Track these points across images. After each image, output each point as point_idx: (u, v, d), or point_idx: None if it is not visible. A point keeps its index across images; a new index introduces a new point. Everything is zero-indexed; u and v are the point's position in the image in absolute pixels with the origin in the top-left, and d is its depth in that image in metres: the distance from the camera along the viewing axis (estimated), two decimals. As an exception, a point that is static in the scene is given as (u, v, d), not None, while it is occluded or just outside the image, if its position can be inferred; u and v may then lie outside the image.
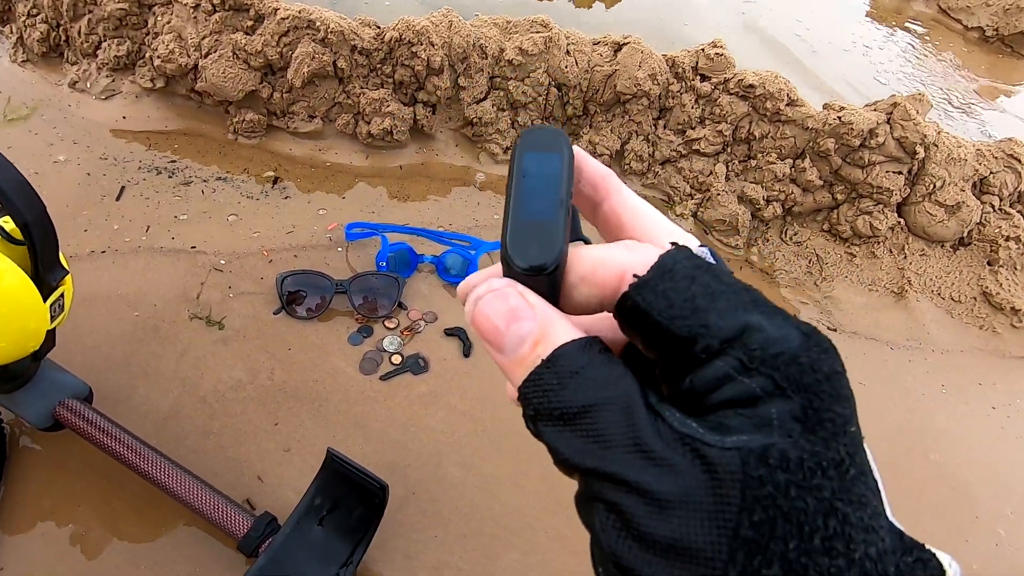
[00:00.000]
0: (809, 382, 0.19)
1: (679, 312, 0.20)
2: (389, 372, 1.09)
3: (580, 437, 0.19)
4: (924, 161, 1.44)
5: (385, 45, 1.40)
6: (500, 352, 0.21)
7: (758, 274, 1.47)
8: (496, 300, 0.21)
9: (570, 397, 0.19)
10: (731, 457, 0.17)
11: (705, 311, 0.20)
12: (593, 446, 0.19)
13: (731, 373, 0.19)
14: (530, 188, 0.21)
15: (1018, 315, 1.44)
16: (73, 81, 1.50)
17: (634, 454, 0.18)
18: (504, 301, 0.21)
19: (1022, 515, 1.13)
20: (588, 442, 0.19)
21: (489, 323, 0.21)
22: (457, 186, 1.48)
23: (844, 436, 0.19)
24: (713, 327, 0.19)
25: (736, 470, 0.17)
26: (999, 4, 2.82)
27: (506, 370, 0.21)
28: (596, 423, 0.19)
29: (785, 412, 0.18)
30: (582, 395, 0.19)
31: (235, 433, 0.98)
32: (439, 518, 0.93)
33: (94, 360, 1.02)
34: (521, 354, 0.21)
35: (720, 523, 0.17)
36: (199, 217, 1.28)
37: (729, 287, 0.20)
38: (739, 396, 0.19)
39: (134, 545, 0.85)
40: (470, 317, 0.22)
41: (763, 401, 0.18)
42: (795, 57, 2.36)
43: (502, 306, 0.21)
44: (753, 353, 0.19)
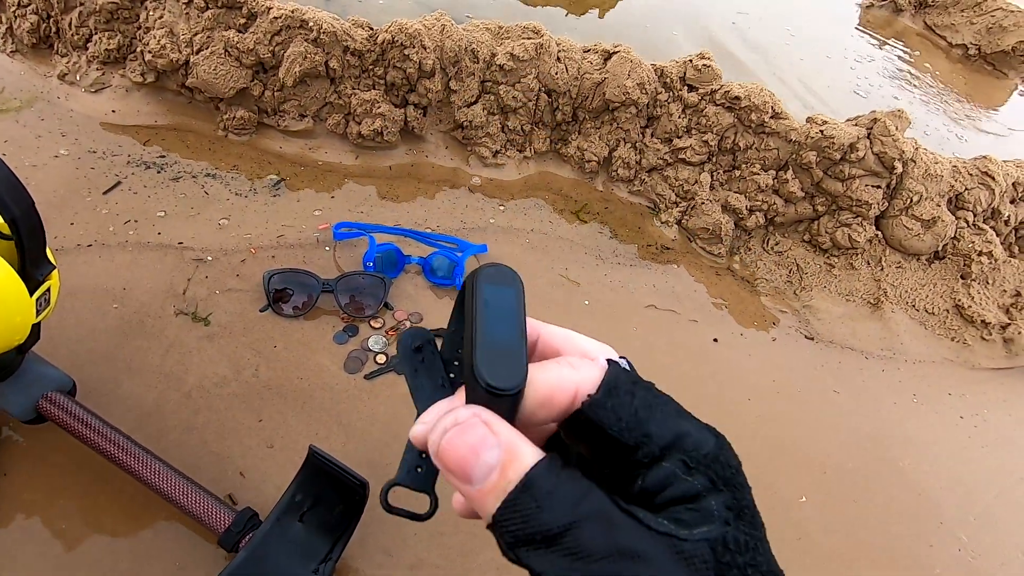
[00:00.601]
0: (728, 476, 0.23)
1: (626, 425, 0.23)
2: (373, 371, 1.11)
3: (565, 556, 0.20)
4: (902, 176, 1.48)
5: (378, 47, 1.41)
6: (468, 483, 0.22)
7: (739, 282, 1.50)
8: (462, 433, 0.22)
9: (550, 519, 0.20)
10: (702, 547, 0.20)
11: (646, 422, 0.23)
12: (579, 562, 0.20)
13: (677, 473, 0.22)
14: (493, 318, 0.23)
15: (988, 328, 1.48)
16: (63, 73, 1.49)
17: (619, 559, 0.20)
18: (471, 432, 0.22)
19: (984, 521, 1.17)
20: (574, 559, 0.20)
21: (456, 456, 0.22)
22: (446, 188, 1.50)
23: (756, 517, 0.23)
24: (655, 436, 0.23)
25: (709, 558, 0.20)
26: (982, 23, 2.89)
27: (475, 500, 0.22)
28: (579, 539, 0.20)
29: (722, 504, 0.22)
30: (561, 514, 0.20)
31: (218, 429, 0.98)
32: (419, 516, 0.95)
33: (78, 354, 1.02)
34: (491, 482, 0.22)
35: None
36: (187, 213, 1.29)
37: (658, 399, 0.24)
38: (684, 493, 0.22)
39: (115, 539, 0.86)
40: (435, 451, 0.23)
41: (703, 496, 0.22)
42: (781, 68, 2.40)
43: (469, 438, 0.22)
44: (691, 456, 0.22)
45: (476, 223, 1.44)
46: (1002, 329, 1.50)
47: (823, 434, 1.23)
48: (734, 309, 1.42)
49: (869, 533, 1.10)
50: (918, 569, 1.08)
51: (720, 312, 1.41)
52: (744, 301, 1.45)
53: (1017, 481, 1.26)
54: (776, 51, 2.52)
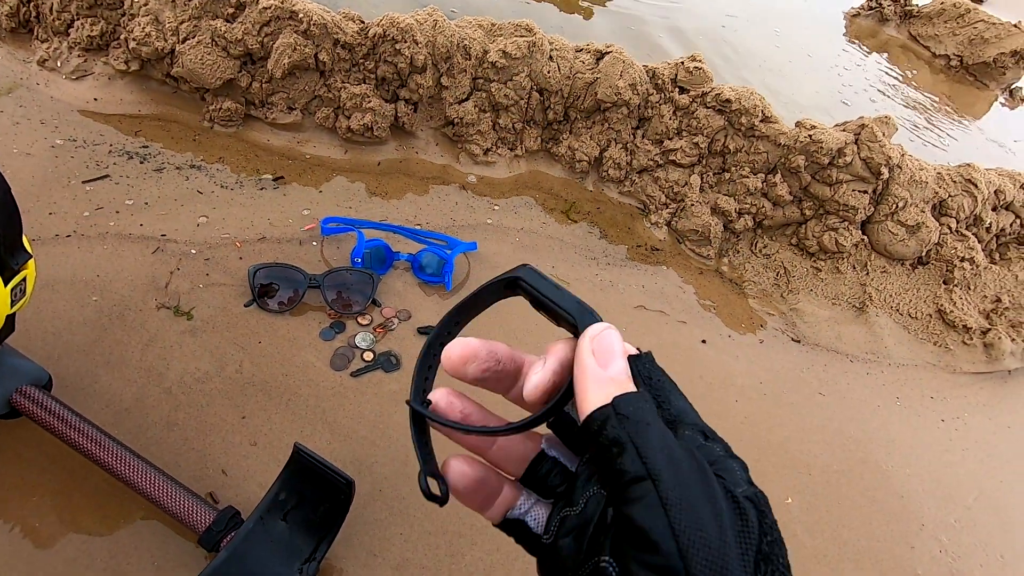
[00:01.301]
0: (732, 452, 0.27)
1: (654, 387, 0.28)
2: (360, 369, 1.09)
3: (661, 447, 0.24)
4: (888, 182, 1.50)
5: (369, 40, 1.39)
6: (605, 367, 0.27)
7: (728, 284, 1.51)
8: (618, 337, 0.28)
9: (656, 420, 0.26)
10: (747, 503, 0.24)
11: (668, 392, 0.28)
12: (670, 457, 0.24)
13: (700, 440, 0.27)
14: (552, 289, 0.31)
15: (969, 333, 1.51)
16: (43, 59, 1.45)
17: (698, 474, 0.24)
18: (622, 341, 0.28)
19: (965, 524, 1.18)
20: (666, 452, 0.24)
21: (610, 346, 0.28)
22: (436, 185, 1.49)
23: None
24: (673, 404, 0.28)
25: (752, 510, 0.24)
26: (965, 34, 2.94)
27: (599, 383, 0.27)
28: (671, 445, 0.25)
29: (740, 467, 0.26)
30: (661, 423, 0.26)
31: (200, 425, 0.96)
32: (405, 516, 0.94)
33: (55, 346, 0.99)
34: (620, 377, 0.27)
35: (748, 547, 0.23)
36: (171, 205, 1.26)
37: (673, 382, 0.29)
38: (709, 457, 0.26)
39: (90, 538, 0.83)
40: (595, 333, 0.28)
41: (724, 460, 0.26)
42: (767, 73, 2.42)
43: (620, 343, 0.28)
44: (704, 429, 0.28)
45: (466, 220, 1.42)
46: (982, 334, 1.52)
47: (809, 436, 1.24)
48: (722, 311, 1.43)
49: (853, 534, 1.10)
50: (900, 571, 1.09)
51: (708, 314, 1.41)
52: (732, 303, 1.46)
53: (996, 484, 1.28)
54: (762, 56, 2.55)
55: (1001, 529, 1.20)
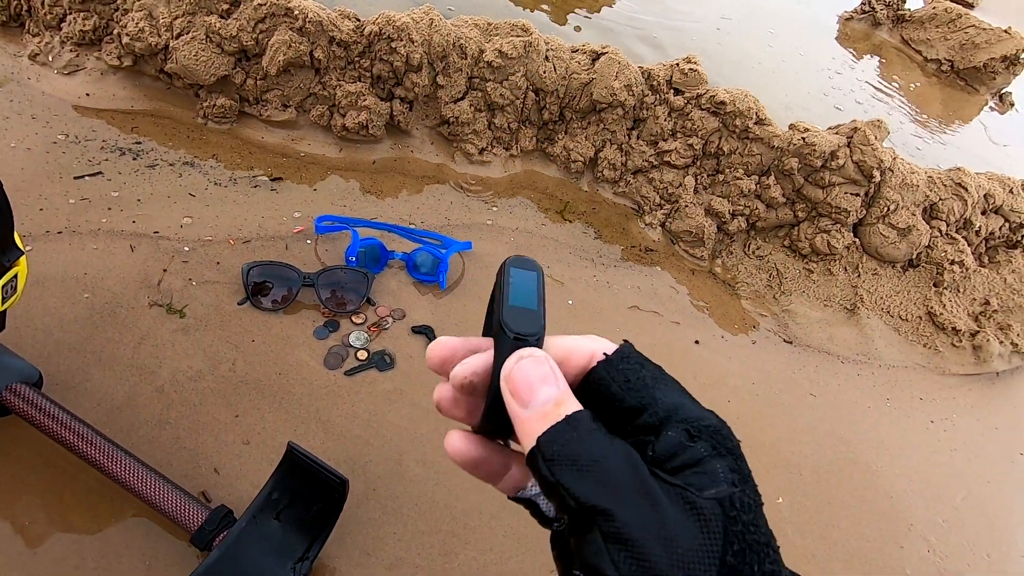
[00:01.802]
0: (731, 447, 0.25)
1: (633, 387, 0.26)
2: (354, 367, 1.09)
3: (594, 483, 0.23)
4: (880, 185, 1.51)
5: (364, 38, 1.39)
6: (525, 407, 0.25)
7: (721, 285, 1.51)
8: (535, 364, 0.26)
9: (587, 450, 0.24)
10: (712, 505, 0.23)
11: (652, 388, 0.26)
12: (604, 488, 0.23)
13: (682, 441, 0.25)
14: (517, 288, 0.28)
15: (958, 335, 1.53)
16: (34, 53, 1.44)
17: (642, 498, 0.23)
18: (542, 367, 0.26)
19: (953, 524, 1.20)
20: (600, 487, 0.23)
21: (525, 380, 0.26)
22: (431, 184, 1.48)
23: (753, 483, 0.25)
24: (659, 401, 0.26)
25: (718, 514, 0.23)
26: (956, 39, 2.97)
27: (525, 423, 0.25)
28: (607, 470, 0.23)
29: (727, 468, 0.24)
30: (596, 449, 0.24)
31: (192, 424, 0.96)
32: (398, 515, 0.94)
33: (45, 344, 0.98)
34: (544, 410, 0.25)
35: (711, 555, 0.22)
36: (163, 202, 1.25)
37: (666, 376, 0.28)
38: (691, 458, 0.25)
39: (81, 537, 0.83)
40: (506, 374, 0.26)
41: (707, 460, 0.24)
42: (759, 75, 2.43)
43: (540, 371, 0.26)
44: (694, 424, 0.25)
45: (461, 220, 1.42)
46: (971, 336, 1.54)
47: (800, 436, 1.25)
48: (715, 312, 1.44)
49: (842, 534, 1.12)
50: (889, 570, 1.10)
51: (702, 314, 1.42)
52: (725, 304, 1.47)
53: (983, 484, 1.30)
54: (755, 59, 2.56)
55: (988, 529, 1.22)
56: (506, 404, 0.26)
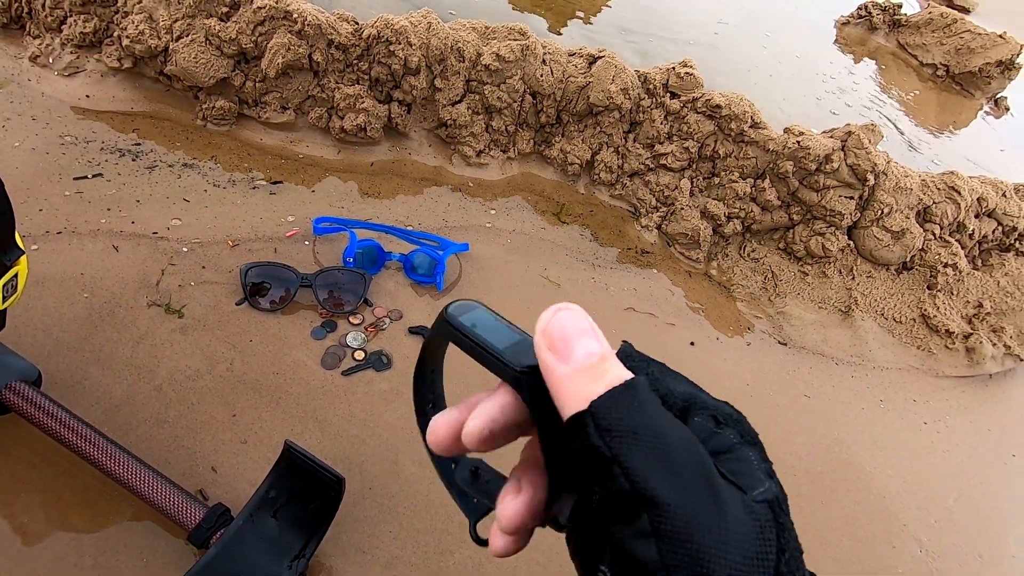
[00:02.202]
0: (755, 436, 0.24)
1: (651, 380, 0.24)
2: (351, 368, 1.10)
3: (656, 463, 0.20)
4: (874, 188, 1.52)
5: (363, 41, 1.40)
6: (566, 360, 0.22)
7: (716, 287, 1.53)
8: (574, 316, 0.24)
9: (651, 423, 0.21)
10: (764, 509, 0.21)
11: (664, 381, 0.25)
12: (667, 477, 0.20)
13: (710, 427, 0.23)
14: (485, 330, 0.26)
15: (952, 338, 1.54)
16: (35, 55, 1.45)
17: (705, 494, 0.20)
18: (581, 319, 0.23)
19: (945, 524, 1.21)
20: (663, 470, 0.20)
21: (565, 330, 0.23)
22: (428, 186, 1.49)
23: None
24: (675, 392, 0.24)
25: (770, 520, 0.21)
26: (952, 44, 2.99)
27: (565, 380, 0.22)
28: (669, 448, 0.20)
29: (758, 457, 0.23)
30: (661, 424, 0.21)
31: (190, 423, 0.96)
32: (394, 513, 0.94)
33: (45, 343, 0.99)
34: (588, 364, 0.22)
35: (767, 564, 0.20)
36: (163, 203, 1.26)
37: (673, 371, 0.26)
38: (721, 446, 0.23)
39: (79, 535, 0.83)
40: (544, 326, 0.23)
41: (738, 448, 0.23)
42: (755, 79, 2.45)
43: (580, 322, 0.23)
44: (717, 413, 0.24)
45: (458, 222, 1.43)
46: (964, 339, 1.55)
47: (794, 437, 1.26)
48: (710, 314, 1.45)
49: (836, 534, 1.12)
50: (882, 571, 1.11)
51: (697, 316, 1.43)
52: (720, 306, 1.48)
53: (976, 485, 1.31)
54: (751, 63, 2.58)
55: (980, 529, 1.23)
56: (545, 368, 0.23)
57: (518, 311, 1.26)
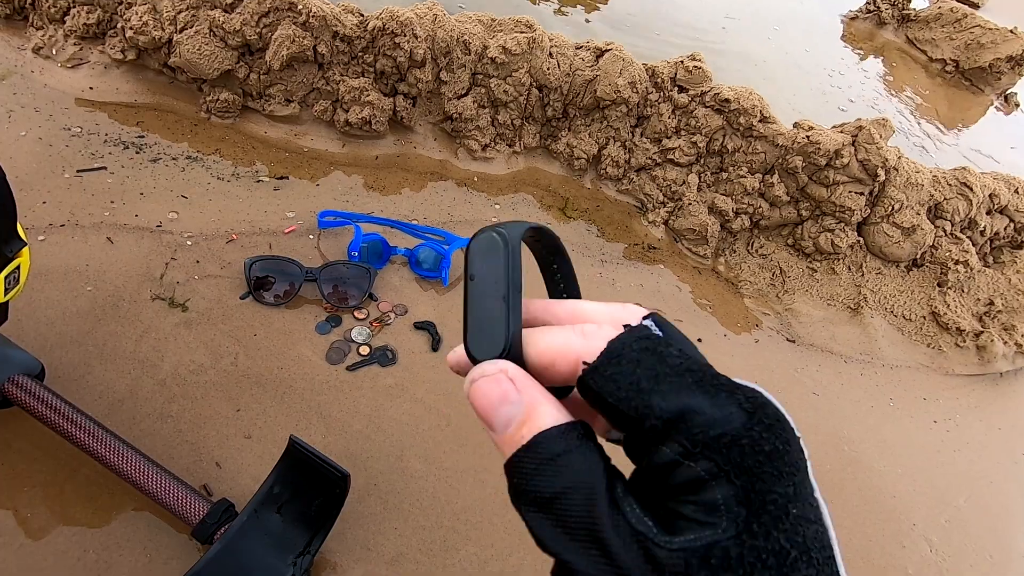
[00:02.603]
0: (751, 464, 0.19)
1: (625, 395, 0.21)
2: (356, 363, 1.09)
3: (551, 523, 0.20)
4: (884, 184, 1.51)
5: (368, 34, 1.38)
6: (492, 430, 0.23)
7: (724, 284, 1.51)
8: (487, 384, 0.23)
9: (544, 483, 0.21)
10: (677, 559, 0.18)
11: (648, 393, 0.21)
12: (562, 533, 0.20)
13: (677, 459, 0.20)
14: (478, 290, 0.25)
15: (962, 335, 1.52)
16: (38, 47, 1.44)
17: (591, 547, 0.19)
18: (495, 386, 0.23)
19: (955, 524, 1.19)
20: (557, 529, 0.20)
21: (481, 403, 0.23)
22: (434, 180, 1.48)
23: (786, 520, 0.19)
24: (656, 408, 0.21)
25: (681, 572, 0.18)
26: (962, 39, 2.96)
27: (498, 446, 0.23)
28: (565, 510, 0.20)
29: (730, 497, 0.19)
30: (555, 481, 0.20)
31: (194, 418, 0.96)
32: (399, 510, 0.93)
33: (48, 336, 0.98)
34: (509, 434, 0.22)
35: None
36: (166, 196, 1.25)
37: (673, 369, 0.22)
38: (687, 479, 0.19)
39: (82, 530, 0.83)
40: (466, 396, 0.24)
41: (708, 486, 0.19)
42: (764, 74, 2.43)
43: (493, 390, 0.23)
44: (695, 437, 0.20)
45: (464, 216, 1.42)
46: (975, 337, 1.53)
47: (802, 435, 1.24)
48: (718, 310, 1.43)
49: (845, 534, 1.11)
50: (891, 570, 1.09)
51: (704, 313, 1.42)
52: (728, 303, 1.46)
53: (986, 485, 1.29)
54: (759, 57, 2.55)
55: (991, 529, 1.21)
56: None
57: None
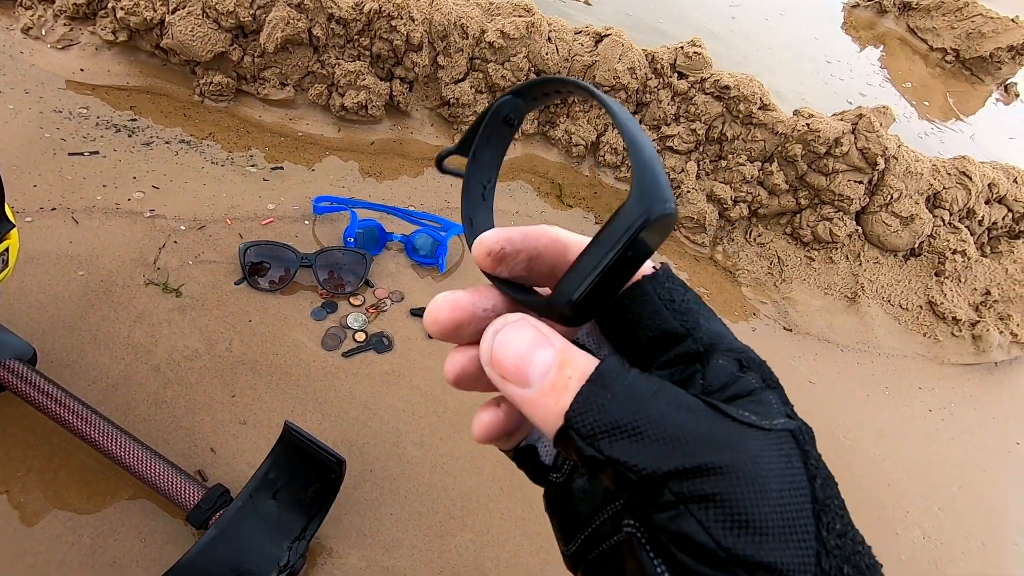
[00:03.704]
0: (774, 380, 0.22)
1: (678, 308, 0.23)
2: (352, 349, 1.08)
3: (653, 443, 0.19)
4: (884, 172, 1.50)
5: (364, 16, 1.36)
6: (526, 385, 0.21)
7: (721, 272, 1.51)
8: (514, 332, 0.22)
9: (632, 408, 0.20)
10: (785, 437, 0.19)
11: (696, 314, 0.23)
12: (669, 449, 0.19)
13: (733, 371, 0.22)
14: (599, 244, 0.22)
15: (959, 325, 1.52)
16: (27, 27, 1.41)
17: (715, 442, 0.19)
18: (523, 332, 0.22)
19: (948, 512, 1.20)
20: (662, 446, 0.19)
21: (511, 355, 0.21)
22: (430, 166, 1.47)
23: None
24: (703, 328, 0.23)
25: (793, 446, 0.19)
26: (963, 28, 2.94)
27: (536, 406, 0.21)
28: (665, 426, 0.19)
29: (778, 400, 0.21)
30: (640, 404, 0.20)
31: (189, 403, 0.95)
32: (395, 496, 0.93)
33: (40, 321, 0.97)
34: (549, 380, 0.21)
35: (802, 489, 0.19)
36: (160, 180, 1.23)
37: (706, 305, 0.24)
38: (743, 390, 0.21)
39: (76, 515, 0.82)
40: (488, 358, 0.22)
41: (759, 391, 0.21)
42: (763, 60, 2.41)
43: (523, 337, 0.21)
44: (742, 355, 0.22)
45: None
46: (971, 326, 1.54)
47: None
48: (716, 299, 1.43)
49: (839, 521, 1.12)
50: (884, 557, 1.10)
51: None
52: (726, 291, 1.46)
53: (979, 473, 1.30)
54: (759, 44, 2.53)
55: (983, 517, 1.22)
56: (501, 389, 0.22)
57: (521, 294, 1.24)
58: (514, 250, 0.25)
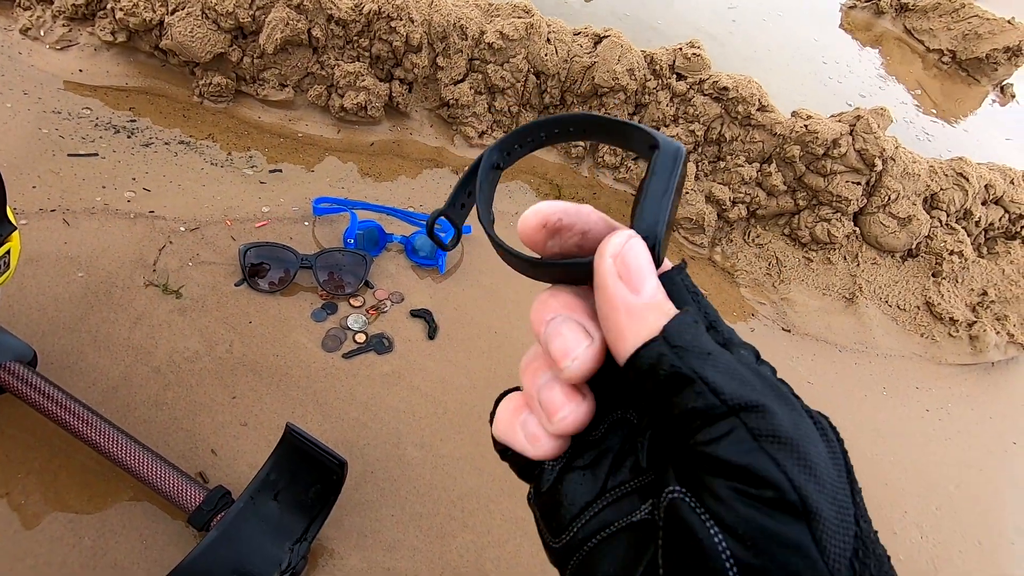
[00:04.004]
0: None
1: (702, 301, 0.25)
2: (352, 350, 1.08)
3: (732, 379, 0.20)
4: (882, 174, 1.50)
5: (363, 17, 1.36)
6: (637, 292, 0.22)
7: (720, 273, 1.51)
8: (644, 250, 0.23)
9: (712, 346, 0.21)
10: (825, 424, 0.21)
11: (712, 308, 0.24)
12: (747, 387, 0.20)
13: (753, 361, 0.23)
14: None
15: (956, 325, 1.53)
16: (25, 28, 1.41)
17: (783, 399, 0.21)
18: (647, 254, 0.23)
19: (946, 511, 1.21)
20: (740, 384, 0.20)
21: (637, 264, 0.23)
22: (430, 167, 1.47)
23: None
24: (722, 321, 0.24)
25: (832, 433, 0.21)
26: (959, 29, 2.95)
27: (633, 313, 0.22)
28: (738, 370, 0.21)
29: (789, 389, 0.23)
30: (716, 348, 0.21)
31: (189, 405, 0.95)
32: (396, 497, 0.93)
33: (40, 323, 0.97)
34: (657, 299, 0.22)
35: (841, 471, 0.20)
36: (159, 181, 1.23)
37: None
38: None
39: (77, 516, 0.82)
40: (618, 251, 0.23)
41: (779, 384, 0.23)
42: (761, 62, 2.41)
43: (647, 257, 0.23)
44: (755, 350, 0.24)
45: (460, 204, 1.41)
46: (968, 327, 1.54)
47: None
48: (714, 300, 1.43)
49: (837, 520, 1.12)
50: (882, 556, 1.11)
51: (701, 302, 1.42)
52: (724, 292, 1.47)
53: (976, 473, 1.31)
54: (758, 45, 2.54)
55: (980, 517, 1.23)
56: (608, 296, 0.23)
57: (520, 295, 1.24)
58: (570, 222, 0.26)
